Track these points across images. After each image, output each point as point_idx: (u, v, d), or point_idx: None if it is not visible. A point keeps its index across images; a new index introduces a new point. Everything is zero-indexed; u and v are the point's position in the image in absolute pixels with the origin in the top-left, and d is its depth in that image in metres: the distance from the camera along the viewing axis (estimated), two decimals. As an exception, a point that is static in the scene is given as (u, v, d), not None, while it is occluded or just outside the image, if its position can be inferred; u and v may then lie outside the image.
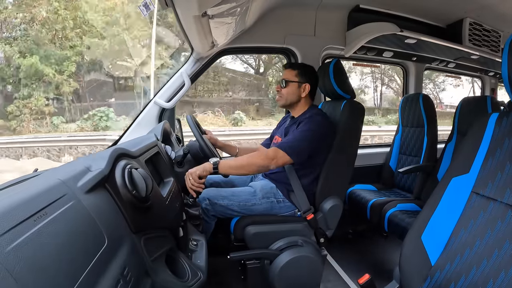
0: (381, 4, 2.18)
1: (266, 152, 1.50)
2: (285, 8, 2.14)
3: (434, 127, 2.40)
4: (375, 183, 2.59)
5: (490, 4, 2.08)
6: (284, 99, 1.72)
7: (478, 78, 3.65)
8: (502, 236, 0.75)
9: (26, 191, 0.49)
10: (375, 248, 2.47)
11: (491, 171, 0.83)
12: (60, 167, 0.70)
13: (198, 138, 1.48)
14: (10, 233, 0.40)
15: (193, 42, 1.77)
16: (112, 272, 0.55)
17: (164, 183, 1.16)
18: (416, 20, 2.35)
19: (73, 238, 0.51)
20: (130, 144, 1.02)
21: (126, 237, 0.67)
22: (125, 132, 1.93)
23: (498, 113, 0.89)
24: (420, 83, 2.96)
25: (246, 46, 2.20)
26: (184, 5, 1.21)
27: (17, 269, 0.38)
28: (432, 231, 0.89)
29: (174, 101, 1.94)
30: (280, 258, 1.48)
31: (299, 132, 1.54)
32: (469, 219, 0.83)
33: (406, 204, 2.05)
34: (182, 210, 1.22)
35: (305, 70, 1.72)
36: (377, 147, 3.01)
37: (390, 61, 2.92)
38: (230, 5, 1.31)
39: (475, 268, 0.77)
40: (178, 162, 1.37)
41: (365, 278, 0.95)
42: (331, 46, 2.33)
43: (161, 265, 0.79)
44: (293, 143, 1.51)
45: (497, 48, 2.47)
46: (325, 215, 1.61)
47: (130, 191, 0.71)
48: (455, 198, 0.88)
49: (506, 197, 0.78)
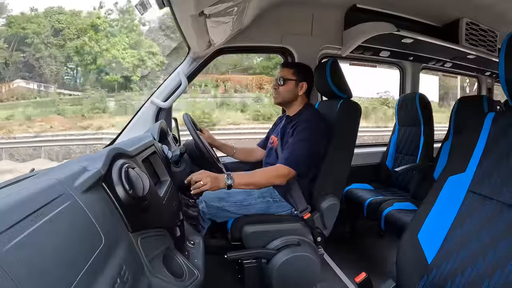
0: (378, 4, 2.18)
1: (277, 171, 1.51)
2: (282, 7, 2.14)
3: (430, 126, 2.41)
4: (371, 182, 2.60)
5: (487, 4, 2.09)
6: (281, 97, 1.72)
7: (475, 77, 3.67)
8: (498, 235, 0.76)
9: (22, 191, 0.49)
10: (372, 247, 2.48)
11: (487, 170, 0.84)
12: (57, 167, 0.70)
13: (195, 138, 1.47)
14: (7, 233, 0.40)
15: (190, 42, 1.76)
16: (109, 272, 0.55)
17: (161, 182, 1.16)
18: (413, 19, 2.35)
19: (70, 238, 0.51)
20: (127, 144, 1.01)
21: (123, 236, 0.66)
22: (121, 131, 1.93)
23: (494, 113, 0.89)
24: (416, 83, 2.97)
25: (243, 46, 2.20)
26: (181, 4, 1.21)
27: (14, 269, 0.38)
28: (429, 229, 0.90)
29: (171, 101, 1.94)
30: (277, 257, 1.49)
31: (300, 143, 1.54)
32: (465, 217, 0.84)
33: (403, 203, 2.06)
34: (179, 209, 1.22)
35: (302, 69, 1.73)
36: (373, 147, 3.02)
37: (386, 61, 2.92)
38: (227, 4, 1.31)
39: (471, 266, 0.78)
40: (174, 161, 1.37)
41: (362, 276, 0.96)
42: (328, 46, 2.33)
43: (158, 265, 0.79)
44: (298, 158, 1.52)
45: (493, 48, 2.49)
46: (322, 214, 1.61)
47: (127, 191, 0.70)
48: (452, 197, 0.89)
49: (502, 195, 0.78)
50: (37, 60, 19.65)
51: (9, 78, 19.20)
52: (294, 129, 1.60)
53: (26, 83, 19.29)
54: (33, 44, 19.61)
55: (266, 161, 1.83)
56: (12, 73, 19.44)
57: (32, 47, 19.66)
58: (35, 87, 19.44)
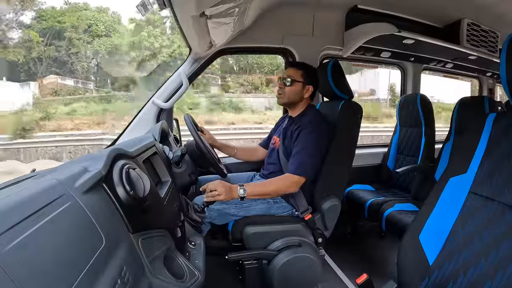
0: (379, 4, 2.18)
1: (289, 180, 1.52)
2: (283, 8, 2.14)
3: (431, 127, 2.41)
4: (373, 183, 2.59)
5: (488, 5, 2.09)
6: (287, 97, 1.70)
7: (476, 78, 3.66)
8: (499, 236, 0.76)
9: (24, 192, 0.49)
10: (373, 248, 2.47)
11: (489, 171, 0.83)
12: (58, 168, 0.70)
13: (196, 138, 1.47)
14: (8, 233, 0.40)
15: (191, 42, 1.76)
16: (110, 272, 0.55)
17: (162, 183, 1.16)
18: (414, 20, 2.35)
19: (71, 239, 0.51)
20: (128, 144, 1.01)
21: (123, 237, 0.66)
22: (123, 132, 1.93)
23: (496, 114, 0.89)
24: (418, 84, 2.97)
25: (244, 46, 2.20)
26: (182, 5, 1.21)
27: (15, 270, 0.38)
28: (430, 230, 0.90)
29: (172, 101, 1.94)
30: (278, 258, 1.48)
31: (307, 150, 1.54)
32: (467, 219, 0.84)
33: (404, 204, 2.05)
34: (180, 210, 1.22)
35: (310, 71, 1.71)
36: (374, 147, 3.02)
37: (388, 62, 2.92)
38: (228, 5, 1.31)
39: (473, 267, 0.77)
40: (175, 162, 1.37)
41: (363, 278, 0.95)
42: (329, 47, 2.33)
43: (159, 265, 0.79)
44: (306, 165, 1.53)
45: (494, 48, 2.48)
46: (323, 215, 1.61)
47: (127, 192, 0.70)
48: (453, 198, 0.88)
49: (503, 197, 0.78)
50: (69, 55, 19.27)
51: (42, 74, 18.82)
52: (298, 133, 1.59)
53: (62, 79, 18.82)
54: (68, 38, 19.25)
55: (268, 161, 1.83)
56: (44, 68, 19.09)
57: (66, 42, 19.29)
58: (71, 83, 18.96)
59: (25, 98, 16.40)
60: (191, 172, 1.40)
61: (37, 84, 17.78)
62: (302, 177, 1.52)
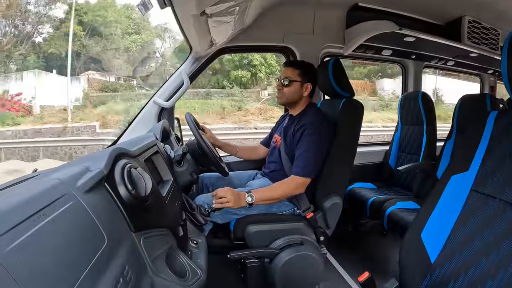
0: (379, 2, 2.18)
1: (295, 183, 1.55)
2: (284, 6, 2.14)
3: (433, 125, 2.40)
4: (374, 181, 2.59)
5: (489, 2, 2.08)
6: (286, 97, 1.71)
7: (477, 76, 3.65)
8: (501, 234, 0.75)
9: (25, 192, 0.49)
10: (374, 246, 2.47)
11: (490, 169, 0.83)
12: (59, 167, 0.70)
13: (197, 137, 1.47)
14: (10, 233, 0.40)
15: (192, 41, 1.76)
16: (112, 272, 0.55)
17: (163, 182, 1.16)
18: (415, 18, 2.35)
19: (73, 238, 0.51)
20: (129, 144, 1.01)
21: (125, 236, 0.67)
22: (124, 131, 1.93)
23: (497, 111, 0.89)
24: (419, 82, 2.96)
25: (245, 45, 2.20)
26: (183, 4, 1.21)
27: (16, 269, 0.38)
28: (432, 229, 0.90)
29: (173, 100, 1.94)
30: (280, 257, 1.49)
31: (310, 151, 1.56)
32: (468, 217, 0.84)
33: (406, 202, 2.05)
34: (182, 209, 1.22)
35: (307, 69, 1.71)
36: (376, 145, 3.01)
37: (389, 59, 2.92)
38: (229, 4, 1.31)
39: (474, 266, 0.77)
40: (177, 161, 1.37)
41: (365, 276, 0.95)
42: (330, 45, 2.33)
43: (161, 264, 0.79)
44: (311, 166, 1.56)
45: (496, 46, 2.47)
46: (324, 213, 1.61)
47: (129, 191, 0.70)
48: (455, 196, 0.88)
49: (505, 194, 0.78)
50: (104, 52, 18.64)
51: (79, 70, 18.18)
52: (300, 134, 1.60)
53: (101, 75, 18.15)
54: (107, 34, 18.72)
55: (269, 159, 1.84)
56: (81, 64, 18.47)
57: (104, 37, 18.69)
58: (111, 79, 18.19)
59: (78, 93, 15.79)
60: (193, 171, 1.40)
61: (85, 78, 17.16)
62: (307, 178, 1.54)
